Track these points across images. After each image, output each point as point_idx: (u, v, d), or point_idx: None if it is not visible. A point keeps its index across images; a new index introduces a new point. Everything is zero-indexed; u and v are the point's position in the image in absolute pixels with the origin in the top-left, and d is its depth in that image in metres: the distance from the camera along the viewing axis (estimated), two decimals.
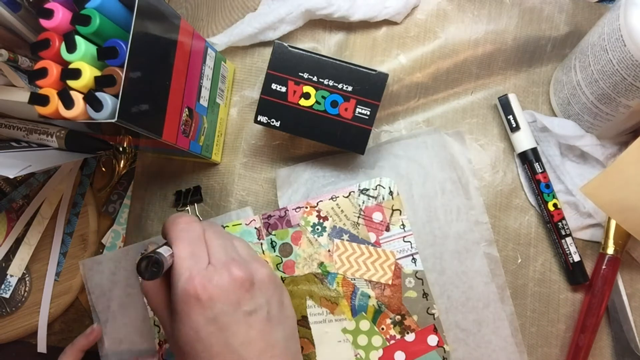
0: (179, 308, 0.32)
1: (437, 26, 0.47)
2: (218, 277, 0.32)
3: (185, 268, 0.32)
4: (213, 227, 0.37)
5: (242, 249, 0.37)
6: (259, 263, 0.36)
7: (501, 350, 0.43)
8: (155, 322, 0.46)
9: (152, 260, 0.30)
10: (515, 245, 0.45)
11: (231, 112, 0.49)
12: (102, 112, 0.33)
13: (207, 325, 0.31)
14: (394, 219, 0.44)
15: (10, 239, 0.51)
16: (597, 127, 0.43)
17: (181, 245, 0.33)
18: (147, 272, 0.30)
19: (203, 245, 0.34)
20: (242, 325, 0.32)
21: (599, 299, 0.43)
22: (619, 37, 0.36)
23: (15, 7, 0.40)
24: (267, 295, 0.34)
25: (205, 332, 0.31)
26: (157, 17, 0.35)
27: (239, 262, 0.34)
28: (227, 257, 0.34)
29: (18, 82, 0.43)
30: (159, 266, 0.30)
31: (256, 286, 0.33)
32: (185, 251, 0.33)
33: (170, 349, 0.34)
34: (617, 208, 0.39)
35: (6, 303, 0.51)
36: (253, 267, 0.34)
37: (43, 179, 0.52)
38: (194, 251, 0.33)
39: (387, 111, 0.48)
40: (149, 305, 0.35)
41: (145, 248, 0.47)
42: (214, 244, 0.35)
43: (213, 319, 0.31)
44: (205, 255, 0.34)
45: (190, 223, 0.35)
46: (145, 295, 0.36)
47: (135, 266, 0.31)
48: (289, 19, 0.46)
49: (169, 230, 0.35)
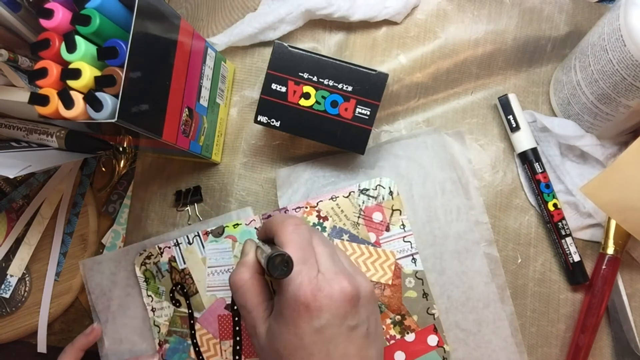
0: (287, 313, 0.32)
1: (437, 26, 0.47)
2: (329, 288, 0.32)
3: (296, 273, 0.32)
4: (318, 233, 0.37)
5: (345, 260, 0.37)
6: (362, 276, 0.36)
7: (501, 350, 0.43)
8: (155, 322, 0.46)
9: (285, 259, 0.30)
10: (515, 245, 0.45)
11: (231, 112, 0.49)
12: (102, 112, 0.33)
13: (312, 334, 0.31)
14: (394, 219, 0.44)
15: (10, 239, 0.50)
16: (597, 127, 0.43)
17: (293, 248, 0.33)
18: (277, 270, 0.30)
19: (312, 252, 0.34)
20: (344, 339, 0.32)
21: (599, 299, 0.43)
22: (619, 37, 0.36)
23: (15, 7, 0.40)
24: (369, 312, 0.34)
25: (309, 340, 0.31)
26: (157, 17, 0.35)
27: (346, 274, 0.33)
28: (336, 268, 0.34)
29: (18, 82, 0.43)
30: (288, 265, 0.30)
31: (361, 302, 0.33)
32: (297, 255, 0.33)
33: (257, 345, 0.34)
34: (617, 208, 0.39)
35: (6, 303, 0.51)
36: (358, 281, 0.34)
37: (43, 179, 0.52)
38: (305, 256, 0.33)
39: (387, 111, 0.48)
40: (237, 300, 0.35)
41: (144, 248, 0.47)
42: (322, 251, 0.35)
43: (319, 329, 0.31)
44: (314, 262, 0.34)
45: (300, 225, 0.35)
46: (236, 290, 0.35)
47: (266, 262, 0.30)
48: (289, 19, 0.46)
49: (278, 232, 0.35)
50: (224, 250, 0.46)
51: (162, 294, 0.47)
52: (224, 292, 0.46)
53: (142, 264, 0.47)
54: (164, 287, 0.47)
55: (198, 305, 0.46)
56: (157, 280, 0.47)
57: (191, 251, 0.46)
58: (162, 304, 0.47)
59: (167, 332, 0.46)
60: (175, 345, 0.46)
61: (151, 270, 0.47)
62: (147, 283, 0.47)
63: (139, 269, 0.47)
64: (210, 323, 0.46)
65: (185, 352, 0.46)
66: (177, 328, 0.46)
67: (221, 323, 0.45)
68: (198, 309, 0.46)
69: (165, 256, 0.47)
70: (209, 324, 0.46)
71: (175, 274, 0.47)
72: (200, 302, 0.46)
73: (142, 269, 0.47)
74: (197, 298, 0.46)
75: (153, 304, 0.47)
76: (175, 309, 0.46)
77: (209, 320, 0.46)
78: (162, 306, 0.47)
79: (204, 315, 0.46)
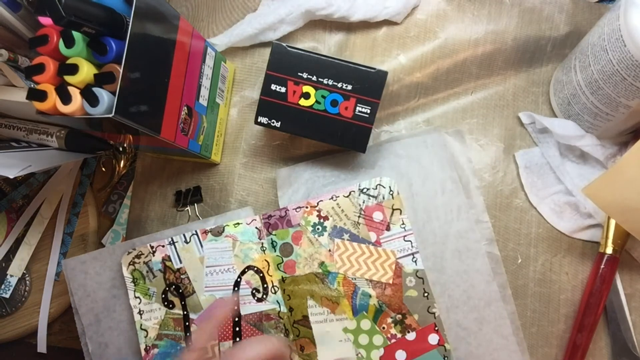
0: None
1: (437, 26, 0.47)
2: None
3: None
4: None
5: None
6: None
7: (502, 349, 0.43)
8: (142, 325, 0.45)
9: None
10: (516, 245, 0.45)
11: (231, 112, 0.50)
12: (99, 107, 0.33)
13: None
14: (395, 218, 0.44)
15: (10, 239, 0.50)
16: (597, 127, 0.43)
17: None
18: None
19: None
20: None
21: (597, 299, 0.42)
22: (619, 37, 0.36)
23: (15, 7, 0.40)
24: None
25: None
26: (156, 17, 0.35)
27: None
28: None
29: (18, 82, 0.43)
30: None
31: None
32: None
33: None
34: (619, 209, 0.39)
35: (6, 303, 0.51)
36: None
37: (43, 179, 0.52)
38: None
39: (387, 111, 0.48)
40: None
41: (133, 247, 0.46)
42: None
43: None
44: None
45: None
46: None
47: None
48: (289, 19, 0.46)
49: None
50: (223, 250, 0.46)
51: (152, 296, 0.45)
52: (223, 292, 0.45)
53: (130, 264, 0.45)
54: (155, 288, 0.45)
55: (195, 306, 0.45)
56: (147, 281, 0.45)
57: (188, 250, 0.46)
58: (151, 306, 0.45)
59: (156, 336, 0.45)
60: (165, 349, 0.45)
61: (140, 270, 0.45)
62: (134, 284, 0.45)
63: (127, 268, 0.45)
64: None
65: (177, 356, 0.44)
66: (169, 331, 0.45)
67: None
68: (195, 310, 0.45)
69: (158, 255, 0.45)
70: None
71: (169, 273, 0.45)
72: (197, 302, 0.45)
73: (130, 269, 0.45)
74: (193, 298, 0.45)
75: (141, 306, 0.45)
76: (168, 311, 0.45)
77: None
78: (151, 308, 0.45)
79: (202, 316, 0.45)
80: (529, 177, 0.46)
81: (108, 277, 0.46)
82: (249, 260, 0.45)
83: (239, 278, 0.45)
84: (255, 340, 0.37)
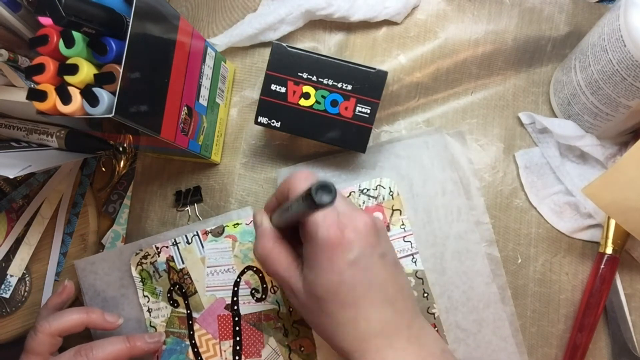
0: (320, 256, 0.33)
1: (437, 26, 0.47)
2: (353, 223, 0.34)
3: (320, 218, 0.33)
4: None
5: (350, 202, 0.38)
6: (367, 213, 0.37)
7: (501, 350, 0.43)
8: (152, 323, 0.46)
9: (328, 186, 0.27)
10: (516, 245, 0.45)
11: (231, 113, 0.50)
12: (99, 107, 0.33)
13: (349, 267, 0.33)
14: (394, 219, 0.44)
15: (10, 239, 0.50)
16: (597, 127, 0.43)
17: None
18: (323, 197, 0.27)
19: None
20: (379, 267, 0.34)
21: (597, 299, 0.42)
22: (619, 37, 0.36)
23: (15, 7, 0.40)
24: (388, 241, 0.37)
25: (348, 274, 0.33)
26: (156, 17, 0.35)
27: (360, 211, 0.36)
28: (349, 207, 0.35)
29: (18, 82, 0.43)
30: (331, 192, 0.27)
31: (380, 233, 0.36)
32: None
33: (297, 305, 0.35)
34: (619, 209, 0.39)
35: (6, 303, 0.51)
36: (371, 216, 0.36)
37: (43, 179, 0.52)
38: None
39: (387, 111, 0.48)
40: (268, 269, 0.37)
41: (140, 248, 0.47)
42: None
43: (354, 261, 0.33)
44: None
45: (309, 175, 0.36)
46: (264, 260, 0.36)
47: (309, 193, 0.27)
48: (289, 19, 0.46)
49: (293, 186, 0.36)
50: (223, 250, 0.46)
51: (159, 295, 0.46)
52: (223, 292, 0.46)
53: (138, 264, 0.47)
54: (161, 288, 0.46)
55: (197, 306, 0.46)
56: (153, 281, 0.47)
57: (190, 251, 0.46)
58: (158, 305, 0.46)
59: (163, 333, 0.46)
60: (172, 346, 0.46)
61: (148, 270, 0.47)
62: (143, 283, 0.47)
63: (135, 269, 0.47)
64: (209, 323, 0.45)
65: (183, 353, 0.45)
66: (175, 329, 0.46)
67: (221, 323, 0.45)
68: (197, 309, 0.46)
69: (162, 256, 0.46)
70: (209, 324, 0.45)
71: (173, 273, 0.46)
72: (199, 302, 0.46)
73: (138, 269, 0.47)
74: (196, 298, 0.46)
75: (149, 305, 0.46)
76: (173, 310, 0.46)
77: (208, 321, 0.46)
78: (158, 307, 0.46)
79: (203, 315, 0.46)
80: (528, 177, 0.46)
81: (116, 277, 0.48)
82: (249, 261, 0.46)
83: (239, 278, 0.45)
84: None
